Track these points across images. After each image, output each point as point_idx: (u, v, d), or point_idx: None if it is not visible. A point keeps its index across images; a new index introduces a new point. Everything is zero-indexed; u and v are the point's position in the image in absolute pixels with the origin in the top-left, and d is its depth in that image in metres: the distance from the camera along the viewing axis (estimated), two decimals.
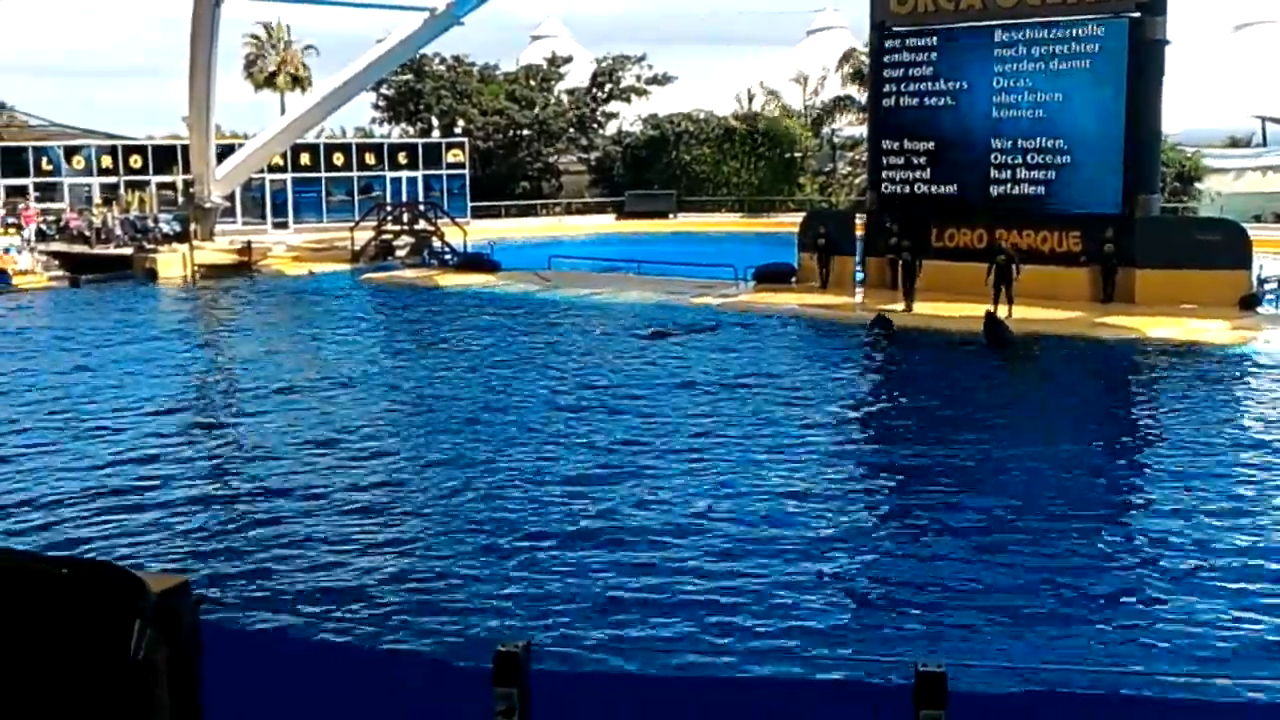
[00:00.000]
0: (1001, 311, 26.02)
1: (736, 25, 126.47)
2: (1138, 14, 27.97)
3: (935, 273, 28.79)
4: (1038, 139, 29.12)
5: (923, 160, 30.87)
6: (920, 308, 27.58)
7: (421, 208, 46.11)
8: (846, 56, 61.32)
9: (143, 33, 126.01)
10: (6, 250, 37.64)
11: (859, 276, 31.85)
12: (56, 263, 39.17)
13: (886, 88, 31.61)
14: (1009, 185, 29.60)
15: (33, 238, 40.06)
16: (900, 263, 28.78)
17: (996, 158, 29.69)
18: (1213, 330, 24.86)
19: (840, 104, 62.59)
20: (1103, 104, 28.28)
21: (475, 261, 38.98)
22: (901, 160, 31.22)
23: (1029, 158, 29.30)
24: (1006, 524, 12.75)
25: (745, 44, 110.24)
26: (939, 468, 15.22)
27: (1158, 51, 28.24)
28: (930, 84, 30.63)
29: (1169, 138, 41.42)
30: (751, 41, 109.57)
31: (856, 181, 55.74)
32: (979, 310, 25.01)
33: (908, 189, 31.17)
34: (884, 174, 31.77)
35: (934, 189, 30.75)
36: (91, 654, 1.03)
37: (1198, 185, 51.37)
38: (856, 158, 57.81)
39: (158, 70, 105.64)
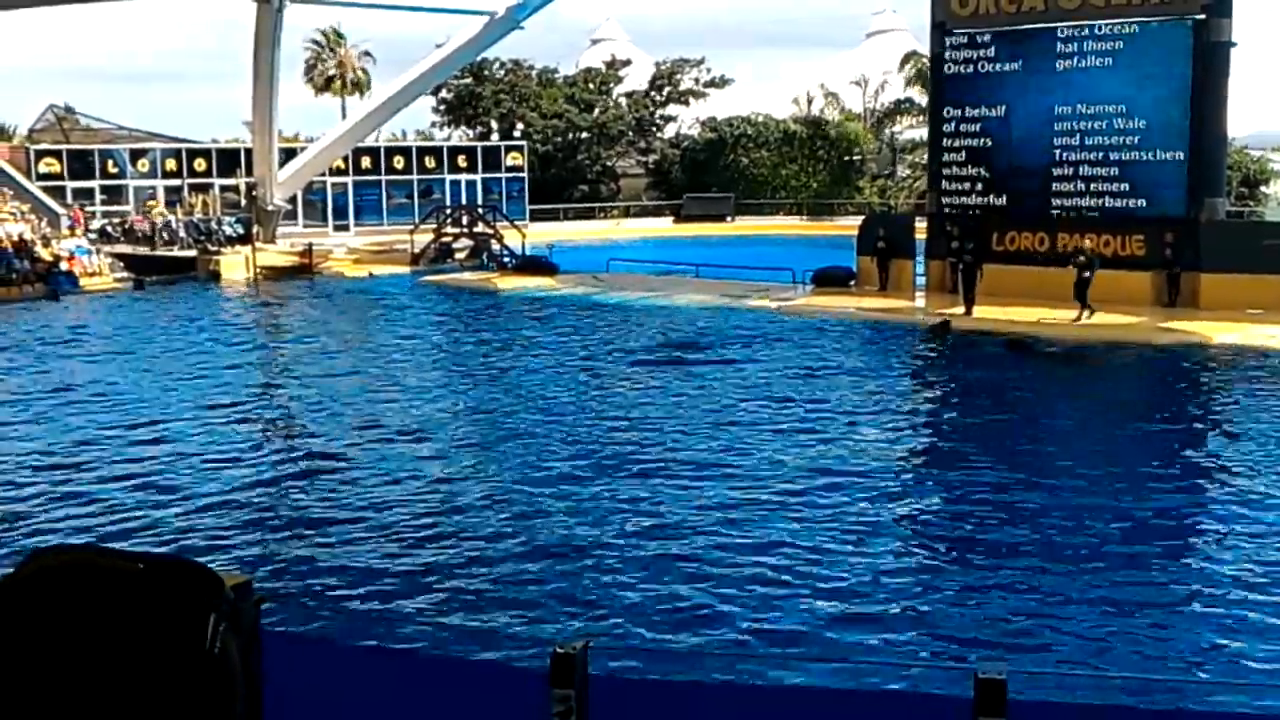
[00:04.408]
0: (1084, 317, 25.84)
1: (795, 28, 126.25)
2: (1203, 15, 27.55)
3: (996, 276, 28.55)
4: (1101, 141, 28.76)
5: (984, 163, 30.60)
6: (980, 311, 27.38)
7: (480, 211, 46.39)
8: (907, 58, 60.98)
9: (206, 37, 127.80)
10: (72, 253, 38.17)
11: (919, 281, 31.63)
12: (122, 264, 39.77)
13: (947, 90, 31.37)
14: (1071, 190, 29.25)
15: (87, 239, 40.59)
16: (961, 266, 28.58)
17: (1059, 161, 29.32)
18: None
19: (901, 107, 62.29)
20: (1167, 106, 27.89)
21: (534, 264, 39.15)
22: (963, 163, 30.96)
23: (1092, 161, 28.93)
24: (1067, 534, 12.60)
25: (804, 46, 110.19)
26: (997, 476, 15.09)
27: (1223, 53, 27.82)
28: (992, 86, 30.36)
29: (1235, 141, 40.84)
30: (810, 44, 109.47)
31: (917, 185, 55.41)
32: (1037, 315, 24.83)
33: (969, 193, 30.91)
34: (944, 177, 31.53)
35: (995, 192, 30.46)
36: (168, 648, 1.05)
37: (1264, 189, 50.62)
38: (917, 160, 57.46)
39: (221, 74, 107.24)
